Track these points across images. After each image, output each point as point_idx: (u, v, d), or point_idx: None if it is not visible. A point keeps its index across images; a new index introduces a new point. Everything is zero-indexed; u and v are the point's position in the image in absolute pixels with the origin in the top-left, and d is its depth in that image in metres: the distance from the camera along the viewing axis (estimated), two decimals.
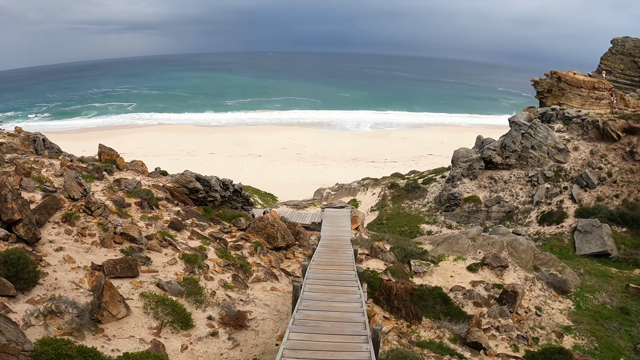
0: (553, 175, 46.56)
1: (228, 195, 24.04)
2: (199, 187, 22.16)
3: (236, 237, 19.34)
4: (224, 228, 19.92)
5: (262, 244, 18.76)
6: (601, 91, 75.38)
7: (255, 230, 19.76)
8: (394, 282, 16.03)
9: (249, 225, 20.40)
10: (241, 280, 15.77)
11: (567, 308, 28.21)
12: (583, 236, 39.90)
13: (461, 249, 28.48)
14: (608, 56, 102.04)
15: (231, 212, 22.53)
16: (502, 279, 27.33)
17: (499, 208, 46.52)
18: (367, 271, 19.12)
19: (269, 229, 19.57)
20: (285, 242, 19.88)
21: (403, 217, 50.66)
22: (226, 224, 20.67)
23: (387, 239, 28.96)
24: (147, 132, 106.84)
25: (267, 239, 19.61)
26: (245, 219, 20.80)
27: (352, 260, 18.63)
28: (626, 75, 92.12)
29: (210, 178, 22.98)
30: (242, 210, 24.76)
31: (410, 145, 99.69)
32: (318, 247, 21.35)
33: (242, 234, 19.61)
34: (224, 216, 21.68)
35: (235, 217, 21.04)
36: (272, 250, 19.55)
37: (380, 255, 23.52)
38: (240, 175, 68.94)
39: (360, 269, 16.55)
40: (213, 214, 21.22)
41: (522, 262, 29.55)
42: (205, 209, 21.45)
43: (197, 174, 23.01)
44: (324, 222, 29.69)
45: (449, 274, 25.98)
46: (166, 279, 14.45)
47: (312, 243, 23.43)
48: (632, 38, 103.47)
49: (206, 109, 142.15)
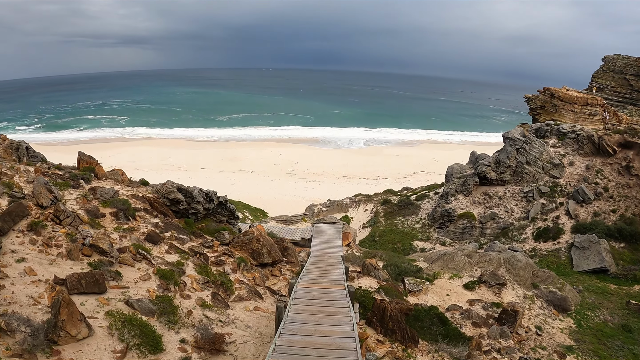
0: (548, 191, 45.65)
1: (212, 207, 22.68)
2: (181, 199, 20.82)
3: (218, 252, 17.95)
4: (206, 242, 18.52)
5: (246, 260, 17.39)
6: (594, 107, 75.17)
7: (240, 245, 18.39)
8: (387, 302, 14.72)
9: (232, 239, 19.01)
10: (221, 299, 14.40)
11: (568, 327, 27.05)
12: (580, 252, 38.93)
13: (457, 266, 27.21)
14: (599, 74, 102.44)
15: (215, 226, 21.16)
16: (501, 297, 26.06)
17: (494, 224, 45.43)
18: (358, 290, 17.80)
19: (254, 244, 18.21)
20: (271, 258, 18.53)
21: (396, 233, 49.42)
22: (208, 238, 19.29)
23: (380, 256, 27.66)
24: (139, 146, 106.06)
25: (252, 254, 18.24)
26: (229, 233, 19.41)
27: (343, 278, 17.35)
28: (617, 92, 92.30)
29: (192, 189, 21.64)
30: (228, 224, 23.39)
31: (402, 162, 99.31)
32: (307, 264, 20.05)
33: (225, 249, 18.23)
34: (207, 229, 20.30)
35: (218, 230, 19.68)
36: (257, 266, 18.16)
37: (373, 272, 22.20)
38: (231, 191, 68.03)
39: (351, 287, 15.25)
40: (195, 227, 19.84)
41: (520, 280, 28.34)
42: (186, 222, 20.05)
43: (179, 184, 21.69)
44: (314, 238, 28.38)
45: (445, 293, 24.68)
46: (137, 296, 13.05)
47: (301, 260, 22.14)
48: (623, 55, 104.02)
49: (198, 124, 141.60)
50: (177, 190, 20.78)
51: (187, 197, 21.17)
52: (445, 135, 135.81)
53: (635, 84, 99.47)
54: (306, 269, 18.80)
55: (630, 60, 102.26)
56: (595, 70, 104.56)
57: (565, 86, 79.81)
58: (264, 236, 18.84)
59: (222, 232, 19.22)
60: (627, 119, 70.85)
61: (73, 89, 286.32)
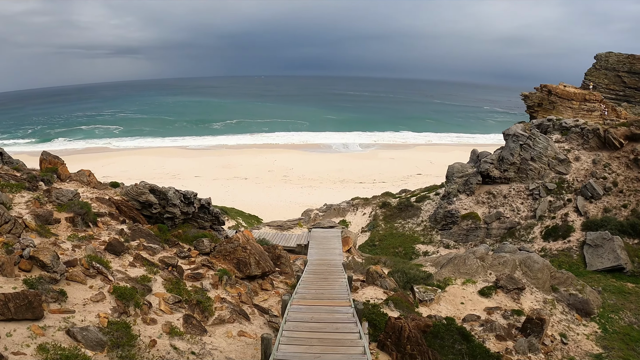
0: (555, 188, 42.81)
1: (192, 211, 19.60)
2: (153, 201, 17.76)
3: (196, 264, 14.86)
4: (181, 252, 15.43)
5: (230, 272, 14.29)
6: (592, 103, 72.67)
7: (222, 254, 15.29)
8: (404, 321, 11.73)
9: (214, 248, 15.93)
10: (196, 323, 11.35)
11: (594, 332, 24.24)
12: (593, 250, 36.18)
13: (469, 270, 24.23)
14: (592, 72, 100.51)
15: (195, 232, 18.08)
16: (520, 303, 23.09)
17: (500, 224, 42.51)
18: (367, 305, 14.75)
19: (239, 253, 15.12)
20: (260, 270, 15.48)
21: (397, 237, 46.44)
22: (185, 247, 16.21)
23: (384, 262, 24.63)
24: (133, 155, 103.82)
25: (237, 265, 15.16)
26: (210, 241, 16.27)
27: (347, 291, 14.36)
28: (611, 90, 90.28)
29: (167, 190, 18.54)
30: (212, 231, 20.33)
31: (398, 165, 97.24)
32: (304, 274, 17.05)
33: (205, 260, 15.12)
34: (185, 237, 17.18)
35: (198, 237, 16.62)
36: (244, 279, 15.05)
37: (379, 281, 19.20)
38: (225, 198, 66.76)
39: (358, 303, 12.20)
40: (169, 234, 16.71)
41: (538, 283, 25.39)
42: (160, 228, 16.89)
43: (153, 184, 18.62)
44: (310, 244, 25.33)
45: (459, 301, 21.70)
46: (83, 322, 9.99)
47: (297, 269, 19.13)
48: (615, 53, 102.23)
49: (192, 132, 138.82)
50: (150, 192, 17.74)
51: (162, 200, 18.13)
52: (441, 138, 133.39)
53: (628, 81, 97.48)
54: (303, 280, 15.83)
55: (623, 57, 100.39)
56: (588, 69, 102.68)
57: (563, 82, 77.46)
58: (252, 243, 15.75)
59: (202, 240, 16.09)
60: (626, 114, 68.43)
61: (66, 100, 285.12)
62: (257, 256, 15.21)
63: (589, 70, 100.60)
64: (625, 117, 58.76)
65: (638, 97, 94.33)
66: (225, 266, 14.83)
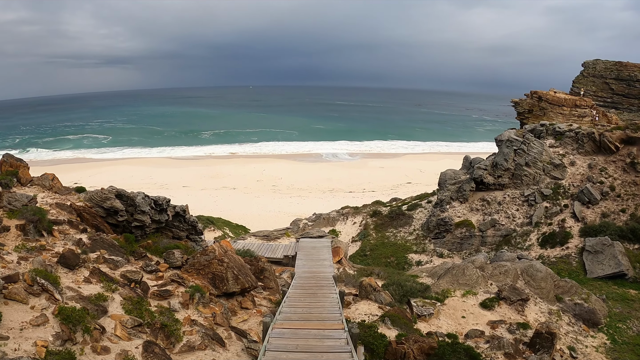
0: (551, 193, 41.42)
1: (165, 220, 17.57)
2: (119, 207, 15.71)
3: (164, 279, 12.81)
4: (148, 265, 13.40)
5: (203, 289, 12.24)
6: (583, 108, 71.85)
7: (196, 268, 13.27)
8: (407, 346, 9.90)
9: (186, 261, 13.95)
10: (159, 351, 9.40)
11: (603, 344, 22.64)
12: (593, 257, 34.79)
13: (469, 281, 22.47)
14: (580, 79, 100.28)
15: (168, 243, 16.06)
16: (525, 315, 21.37)
17: (495, 232, 40.96)
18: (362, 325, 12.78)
19: (214, 267, 13.10)
20: (239, 285, 13.51)
21: (388, 246, 44.66)
22: (154, 260, 14.24)
23: (378, 273, 22.78)
24: (121, 165, 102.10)
25: (213, 280, 13.14)
26: (182, 252, 14.27)
27: (338, 310, 12.43)
28: (599, 97, 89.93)
29: (134, 195, 16.48)
30: (189, 241, 18.35)
31: (388, 174, 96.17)
32: (290, 289, 15.17)
33: (175, 274, 13.04)
34: (154, 248, 15.11)
35: (169, 249, 14.61)
36: (220, 297, 12.97)
37: (373, 295, 17.35)
38: (213, 208, 65.46)
39: (353, 327, 10.17)
40: (136, 245, 14.69)
41: (542, 293, 23.73)
42: (126, 238, 14.85)
43: (121, 189, 16.61)
44: (298, 255, 23.44)
45: (460, 314, 19.91)
46: (16, 352, 8.04)
47: (283, 283, 17.23)
48: (603, 60, 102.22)
49: (181, 142, 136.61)
50: (116, 197, 15.78)
51: (130, 206, 16.15)
52: (430, 146, 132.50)
53: (616, 88, 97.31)
54: (289, 297, 13.96)
55: (610, 64, 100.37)
56: (576, 76, 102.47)
57: (553, 88, 76.76)
58: (230, 255, 13.74)
59: (172, 252, 14.01)
60: (617, 119, 67.66)
61: (54, 109, 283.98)
62: (235, 270, 13.24)
63: (577, 78, 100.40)
64: (616, 123, 57.91)
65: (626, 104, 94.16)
66: (198, 282, 12.85)
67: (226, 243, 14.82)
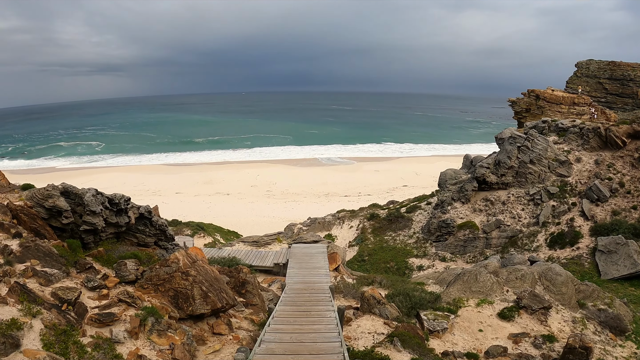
0: (558, 191, 38.85)
1: (126, 223, 14.56)
2: (63, 207, 12.73)
3: (110, 298, 9.91)
4: (91, 280, 10.47)
5: (160, 311, 9.32)
6: (581, 106, 69.63)
7: (153, 283, 10.27)
8: None
9: (142, 274, 11.11)
10: None
11: (633, 354, 19.93)
12: (607, 257, 32.33)
13: (483, 288, 19.71)
14: (574, 79, 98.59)
15: (125, 251, 13.09)
16: (548, 326, 18.62)
17: (500, 233, 38.30)
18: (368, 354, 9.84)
19: (177, 281, 10.08)
20: (210, 305, 10.63)
21: (387, 251, 41.90)
22: (102, 272, 11.27)
23: (380, 281, 19.97)
24: (114, 172, 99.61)
25: (175, 299, 10.13)
26: (138, 263, 11.33)
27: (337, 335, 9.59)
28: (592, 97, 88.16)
29: (83, 192, 13.54)
30: (157, 249, 15.46)
31: (383, 177, 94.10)
32: (278, 306, 12.41)
33: (124, 292, 10.25)
34: (107, 258, 12.05)
35: (124, 258, 11.64)
36: (185, 320, 9.95)
37: (377, 308, 14.60)
38: (207, 214, 63.25)
39: None
40: (83, 254, 11.71)
41: (563, 299, 21.00)
42: (69, 245, 11.94)
43: (69, 185, 13.63)
44: (290, 263, 20.62)
45: (476, 327, 17.15)
46: None
47: (271, 297, 14.41)
48: (596, 60, 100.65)
49: (174, 149, 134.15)
50: (61, 194, 12.92)
51: (78, 206, 13.29)
52: (425, 149, 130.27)
53: (610, 87, 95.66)
54: (276, 316, 11.21)
55: (604, 64, 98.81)
56: (570, 77, 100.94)
57: (550, 87, 74.77)
58: (200, 266, 10.77)
59: (124, 262, 10.99)
60: (615, 116, 65.56)
61: (47, 117, 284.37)
62: (205, 285, 10.32)
63: (571, 78, 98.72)
64: (615, 120, 55.76)
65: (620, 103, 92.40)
66: (156, 301, 9.96)
67: (196, 250, 11.94)
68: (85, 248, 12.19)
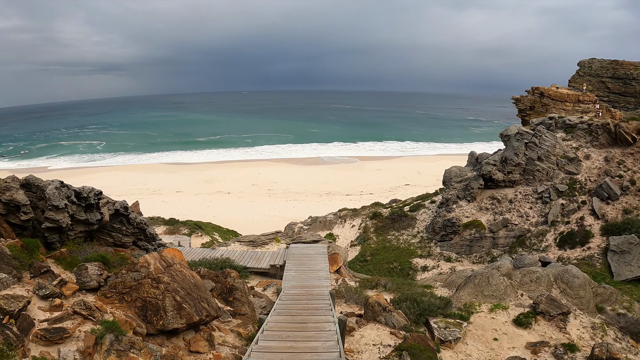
0: (567, 189, 37.19)
1: (98, 220, 12.80)
2: (21, 201, 11.10)
3: (65, 309, 8.21)
4: (42, 287, 8.70)
5: (122, 326, 7.53)
6: (586, 104, 67.91)
7: (118, 291, 8.49)
8: None
9: (105, 280, 9.42)
10: None
11: None
12: (620, 257, 30.83)
13: (496, 292, 18.09)
14: (576, 78, 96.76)
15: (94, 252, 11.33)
16: (568, 333, 16.98)
17: (507, 232, 36.66)
18: None
19: (146, 290, 8.27)
20: (185, 319, 8.88)
21: (390, 251, 40.31)
22: (60, 277, 9.41)
23: (385, 284, 18.31)
24: (114, 171, 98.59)
25: (143, 310, 8.36)
26: (102, 268, 9.65)
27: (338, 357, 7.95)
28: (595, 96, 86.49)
29: (45, 184, 11.84)
30: (137, 249, 13.80)
31: (385, 176, 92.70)
32: (271, 316, 10.79)
33: (83, 301, 8.52)
34: (71, 259, 10.18)
35: (89, 260, 9.85)
36: (155, 336, 8.24)
37: (382, 316, 13.02)
38: (207, 213, 61.29)
39: None
40: (41, 255, 10.00)
41: (581, 303, 19.35)
42: (26, 244, 10.26)
43: (30, 176, 11.93)
44: (287, 264, 18.99)
45: (491, 335, 15.53)
46: None
47: (264, 304, 12.80)
48: (598, 59, 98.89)
49: (175, 148, 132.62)
50: (22, 187, 11.30)
51: (40, 200, 11.65)
52: (427, 148, 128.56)
53: (612, 87, 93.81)
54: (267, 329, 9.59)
55: (606, 63, 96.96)
56: (572, 75, 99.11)
57: (555, 84, 73.07)
58: (177, 271, 8.94)
59: (85, 266, 9.25)
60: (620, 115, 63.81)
61: (49, 116, 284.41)
62: (179, 295, 8.56)
63: (573, 77, 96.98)
64: (620, 118, 54.15)
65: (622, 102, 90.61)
66: (120, 313, 8.25)
67: (174, 252, 10.19)
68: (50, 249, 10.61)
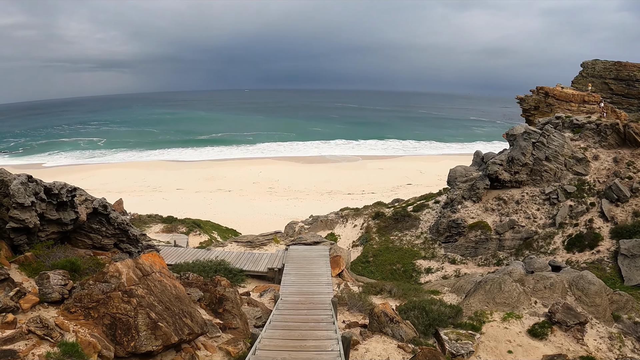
0: (575, 190, 35.93)
1: (73, 220, 11.46)
2: None
3: (19, 327, 6.73)
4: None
5: (85, 349, 6.20)
6: (592, 104, 66.61)
7: (84, 306, 7.16)
8: None
9: (70, 291, 8.19)
10: None
11: None
12: (631, 261, 29.60)
13: (508, 299, 16.89)
14: (579, 79, 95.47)
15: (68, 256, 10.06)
16: (586, 345, 15.78)
17: (514, 234, 35.43)
18: None
19: (116, 305, 6.95)
20: (160, 341, 7.56)
21: (393, 252, 39.12)
22: (17, 287, 7.98)
23: (390, 290, 17.09)
24: (115, 167, 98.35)
25: (112, 330, 6.96)
26: (67, 276, 8.28)
27: None
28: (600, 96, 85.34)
29: (10, 179, 10.70)
30: (119, 252, 12.58)
31: (387, 175, 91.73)
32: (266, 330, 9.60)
33: (39, 318, 6.80)
34: (37, 265, 9.03)
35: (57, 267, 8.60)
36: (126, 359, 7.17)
37: (389, 327, 11.84)
38: (207, 211, 60.23)
39: None
40: (4, 259, 8.70)
41: (597, 311, 18.15)
42: None
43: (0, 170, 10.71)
44: (286, 268, 17.74)
45: (504, 348, 14.32)
46: None
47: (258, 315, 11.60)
48: (602, 60, 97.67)
49: (176, 145, 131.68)
50: None
51: (5, 197, 10.39)
52: (429, 147, 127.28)
53: (615, 88, 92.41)
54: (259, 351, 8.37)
55: (609, 64, 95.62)
56: (575, 77, 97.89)
57: (560, 84, 71.81)
58: (155, 281, 7.50)
59: (46, 274, 7.91)
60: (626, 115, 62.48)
61: (51, 113, 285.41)
62: (155, 311, 7.16)
63: (576, 78, 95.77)
64: (625, 119, 52.89)
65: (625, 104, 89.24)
66: (85, 332, 6.89)
67: (154, 258, 8.81)
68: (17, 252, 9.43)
